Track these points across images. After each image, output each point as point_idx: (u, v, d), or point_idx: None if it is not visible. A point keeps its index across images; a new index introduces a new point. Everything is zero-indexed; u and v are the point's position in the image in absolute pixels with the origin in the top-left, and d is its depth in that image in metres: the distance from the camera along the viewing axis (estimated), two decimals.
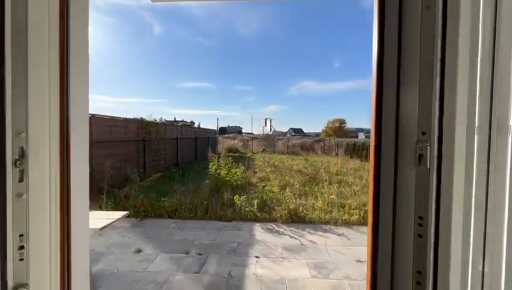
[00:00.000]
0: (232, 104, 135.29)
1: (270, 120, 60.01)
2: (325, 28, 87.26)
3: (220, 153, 11.77)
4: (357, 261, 3.52)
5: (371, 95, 0.80)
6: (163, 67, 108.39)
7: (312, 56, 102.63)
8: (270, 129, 54.61)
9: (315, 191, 6.94)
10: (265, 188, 7.10)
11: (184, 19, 76.31)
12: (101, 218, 3.02)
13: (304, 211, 5.41)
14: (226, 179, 6.98)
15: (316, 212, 5.33)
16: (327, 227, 4.84)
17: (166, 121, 12.23)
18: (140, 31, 79.37)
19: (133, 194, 5.72)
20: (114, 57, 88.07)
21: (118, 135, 7.41)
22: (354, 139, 28.66)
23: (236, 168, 8.11)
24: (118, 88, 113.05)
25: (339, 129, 72.27)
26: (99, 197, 5.52)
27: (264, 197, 6.15)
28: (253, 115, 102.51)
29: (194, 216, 5.23)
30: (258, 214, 5.22)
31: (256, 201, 5.42)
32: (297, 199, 6.16)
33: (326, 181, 8.07)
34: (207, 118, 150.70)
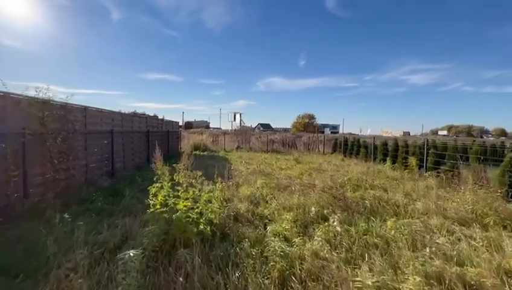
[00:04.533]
0: (199, 98, 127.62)
1: (240, 114, 56.40)
2: (291, 25, 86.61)
3: (183, 153, 7.31)
4: None
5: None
6: (123, 56, 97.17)
7: (279, 52, 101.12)
8: (240, 124, 50.94)
9: (370, 235, 3.54)
10: (272, 230, 3.51)
11: (146, 7, 67.61)
12: None
13: None
14: (189, 218, 3.18)
15: None
16: None
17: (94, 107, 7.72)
18: (97, 16, 67.57)
19: None
20: (69, 43, 74.82)
21: None
22: (334, 135, 26.53)
23: (210, 184, 4.36)
24: (73, 77, 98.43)
25: (308, 124, 71.68)
26: None
27: (278, 268, 2.56)
28: (222, 109, 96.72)
29: None
30: None
31: None
32: (351, 268, 2.69)
33: (365, 207, 4.75)
34: (172, 112, 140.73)
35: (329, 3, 76.29)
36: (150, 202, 3.08)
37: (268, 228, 3.80)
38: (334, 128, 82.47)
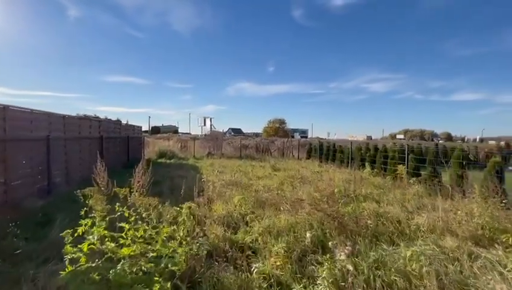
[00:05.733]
0: (167, 102, 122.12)
1: (211, 119, 54.86)
2: (260, 33, 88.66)
3: (137, 166, 5.53)
4: None
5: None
6: (82, 57, 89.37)
7: (248, 58, 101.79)
8: (211, 128, 49.36)
9: (386, 270, 2.74)
10: (259, 271, 2.54)
11: (107, 5, 62.70)
12: None
13: None
14: (137, 272, 2.07)
15: None
16: None
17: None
18: (51, 12, 60.11)
19: None
20: (19, 40, 65.35)
21: None
22: (306, 140, 26.58)
23: (175, 206, 3.27)
24: (22, 78, 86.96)
25: (279, 129, 72.30)
26: None
27: None
28: (191, 114, 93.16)
29: None
30: None
31: None
32: None
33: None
34: (138, 116, 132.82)
35: (296, 13, 79.05)
36: (68, 254, 1.90)
37: (253, 267, 2.82)
38: (303, 133, 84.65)
